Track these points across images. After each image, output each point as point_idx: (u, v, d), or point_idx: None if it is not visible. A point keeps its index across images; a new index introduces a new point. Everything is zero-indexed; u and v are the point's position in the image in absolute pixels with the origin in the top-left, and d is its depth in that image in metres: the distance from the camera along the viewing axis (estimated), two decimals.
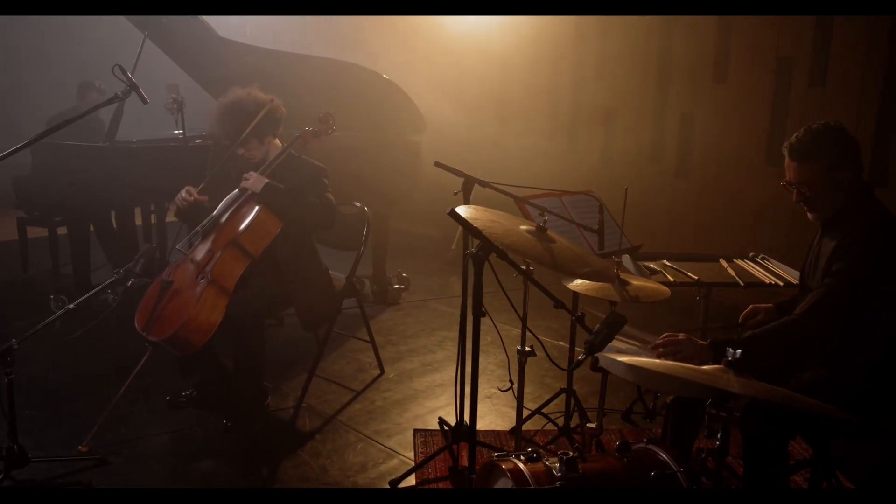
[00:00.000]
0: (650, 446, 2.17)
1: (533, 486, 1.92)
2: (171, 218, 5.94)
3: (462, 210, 2.42)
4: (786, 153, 2.36)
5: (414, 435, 3.33)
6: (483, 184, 2.90)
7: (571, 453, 2.02)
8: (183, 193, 3.32)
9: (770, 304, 2.64)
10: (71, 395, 3.62)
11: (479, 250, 2.14)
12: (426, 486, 2.91)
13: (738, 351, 1.77)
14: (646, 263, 3.21)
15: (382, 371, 3.99)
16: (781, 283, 2.98)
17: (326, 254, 3.66)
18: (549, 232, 2.51)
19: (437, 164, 2.92)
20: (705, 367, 1.90)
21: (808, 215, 2.42)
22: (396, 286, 5.34)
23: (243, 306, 3.19)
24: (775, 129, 5.38)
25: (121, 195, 4.58)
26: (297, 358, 4.08)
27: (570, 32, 6.37)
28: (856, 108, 4.95)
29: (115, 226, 5.17)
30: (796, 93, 5.22)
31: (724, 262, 3.30)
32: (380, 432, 3.34)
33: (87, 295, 3.00)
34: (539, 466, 2.02)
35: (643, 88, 6.06)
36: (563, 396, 3.34)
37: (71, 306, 2.91)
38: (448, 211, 2.07)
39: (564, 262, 2.41)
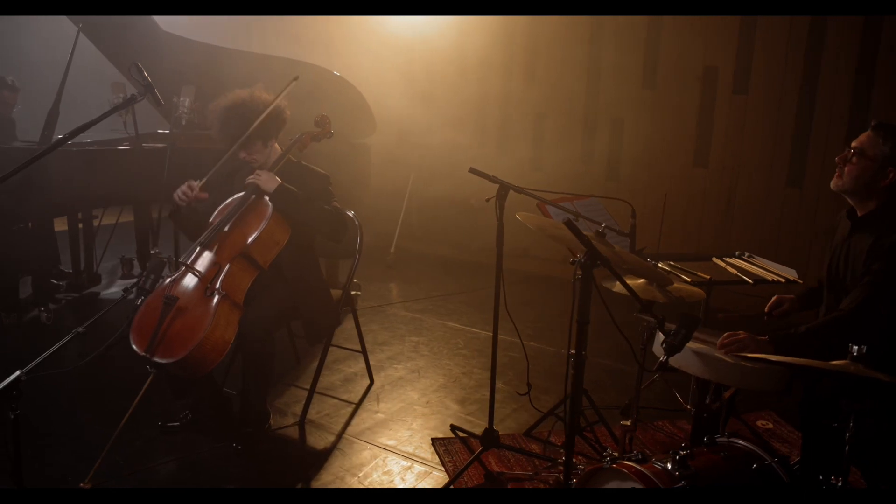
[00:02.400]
0: (732, 440, 2.28)
1: (661, 487, 1.97)
2: (126, 219, 5.47)
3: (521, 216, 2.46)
4: (871, 125, 2.53)
5: (433, 444, 3.27)
6: (518, 190, 2.92)
7: (682, 452, 2.09)
8: (184, 188, 3.07)
9: (793, 295, 2.86)
10: (72, 422, 3.29)
11: (587, 258, 2.15)
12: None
13: (864, 347, 1.90)
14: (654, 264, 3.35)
15: (372, 381, 3.89)
16: (783, 280, 3.21)
17: None
18: (606, 238, 2.57)
19: (472, 171, 2.90)
20: (834, 362, 1.99)
21: (835, 180, 2.58)
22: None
23: (255, 321, 3.00)
24: (702, 134, 5.77)
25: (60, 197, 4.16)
26: (278, 372, 3.89)
27: (500, 38, 6.48)
28: (776, 114, 5.40)
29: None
30: (721, 99, 5.62)
31: (718, 261, 3.50)
32: (395, 444, 3.26)
33: (96, 317, 2.70)
34: (653, 467, 2.07)
35: (573, 94, 6.28)
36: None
37: (80, 329, 2.62)
38: (564, 220, 2.06)
39: (636, 265, 2.47)
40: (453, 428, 3.39)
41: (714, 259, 3.54)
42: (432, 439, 3.31)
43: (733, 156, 5.60)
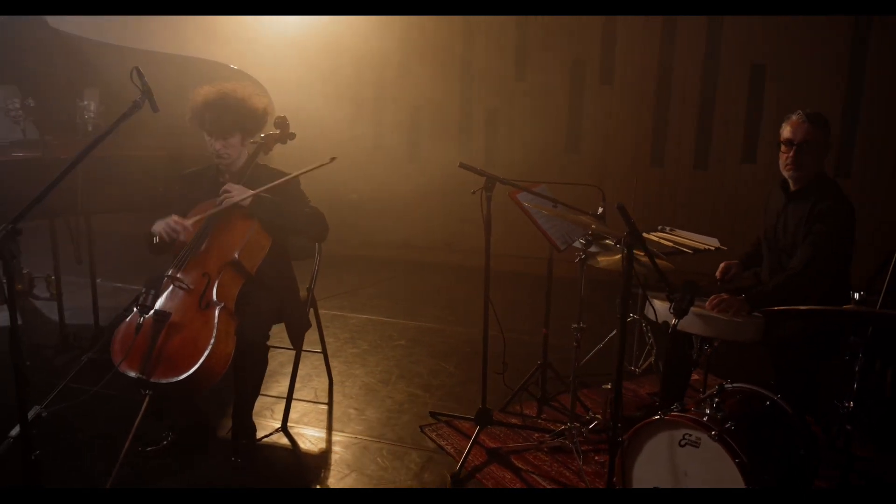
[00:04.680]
0: (736, 385, 2.65)
1: (715, 431, 2.27)
2: None
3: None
4: (800, 116, 2.96)
5: (422, 430, 3.38)
6: (504, 181, 3.10)
7: (716, 399, 2.42)
8: (171, 224, 2.91)
9: (736, 261, 3.34)
10: (75, 450, 3.01)
11: (627, 240, 2.39)
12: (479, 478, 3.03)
13: (863, 292, 2.32)
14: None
15: (331, 379, 3.88)
16: (713, 248, 3.68)
17: None
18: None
19: (462, 166, 3.03)
20: (846, 306, 2.36)
21: (790, 172, 3.01)
22: None
23: (253, 329, 2.93)
24: (572, 123, 6.28)
25: None
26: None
27: (373, 32, 6.54)
28: (637, 103, 6.03)
29: None
30: (589, 90, 6.15)
31: (649, 236, 3.90)
32: (386, 435, 3.33)
33: (104, 340, 2.51)
34: (701, 413, 2.38)
35: (447, 86, 6.52)
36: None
37: (92, 355, 2.44)
38: (618, 206, 2.28)
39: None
40: (433, 414, 3.53)
41: (644, 234, 3.94)
42: (420, 427, 3.41)
43: (601, 141, 6.17)
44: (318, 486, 2.92)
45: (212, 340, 2.74)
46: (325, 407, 3.61)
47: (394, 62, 6.62)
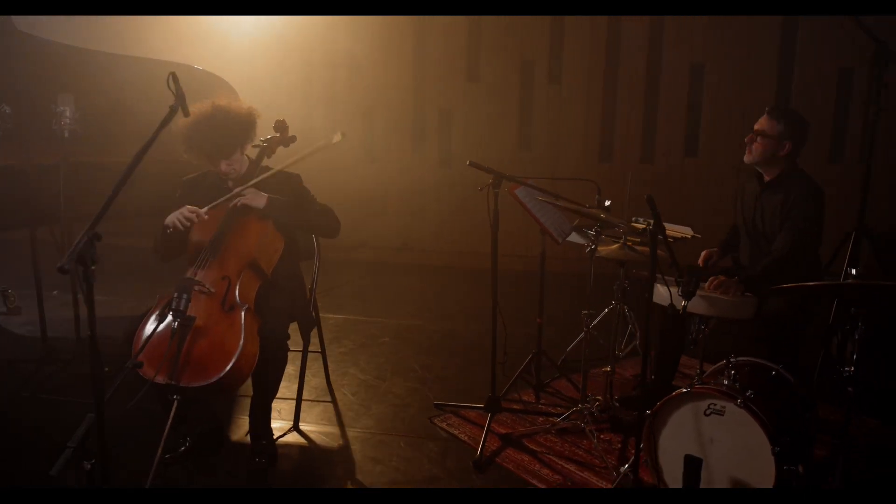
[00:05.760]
0: (741, 358, 2.88)
1: (740, 399, 2.49)
2: None
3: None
4: (766, 111, 3.28)
5: (431, 421, 3.48)
6: (511, 178, 3.25)
7: (732, 372, 2.64)
8: (185, 213, 2.89)
9: (716, 248, 3.60)
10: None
11: (652, 232, 2.58)
12: (501, 459, 3.17)
13: (861, 268, 2.59)
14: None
15: (329, 377, 3.92)
16: (689, 237, 3.94)
17: None
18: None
19: (472, 164, 3.16)
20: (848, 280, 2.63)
21: (746, 156, 3.33)
22: None
23: (276, 329, 2.97)
24: (523, 121, 6.50)
25: None
26: None
27: (321, 35, 6.55)
28: (585, 102, 6.30)
29: None
30: (538, 90, 6.38)
31: (635, 225, 4.13)
32: (399, 428, 3.41)
33: (143, 345, 2.50)
34: (721, 384, 2.60)
35: (400, 86, 6.61)
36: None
37: (136, 361, 2.42)
38: (647, 197, 2.46)
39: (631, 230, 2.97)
40: (438, 405, 3.64)
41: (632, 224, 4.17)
42: (429, 418, 3.52)
43: (553, 138, 6.41)
44: (349, 483, 2.98)
45: (241, 342, 2.76)
46: (329, 405, 3.66)
47: (344, 63, 6.65)
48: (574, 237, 3.59)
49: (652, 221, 2.60)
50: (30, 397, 3.58)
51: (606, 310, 4.14)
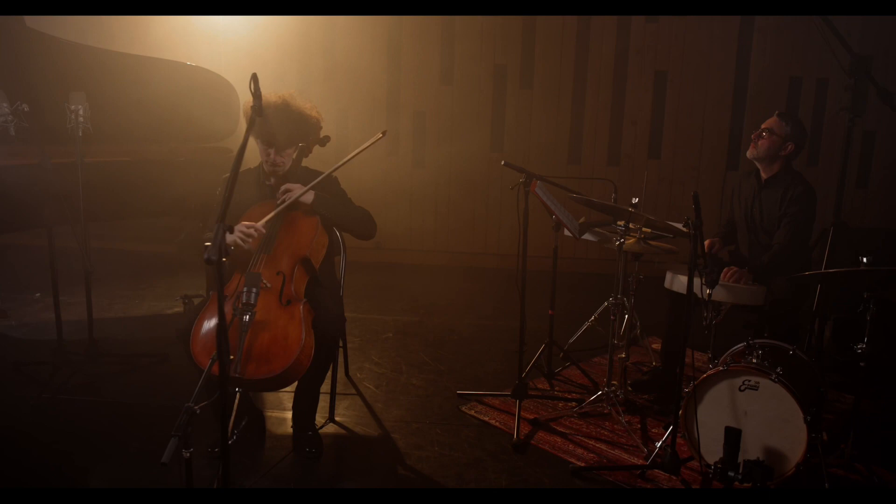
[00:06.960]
0: (759, 340, 3.17)
1: (773, 375, 2.77)
2: None
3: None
4: (776, 113, 3.62)
5: (459, 409, 3.64)
6: (541, 178, 3.45)
7: (759, 352, 2.92)
8: (244, 230, 2.92)
9: (717, 238, 3.91)
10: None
11: (695, 228, 2.82)
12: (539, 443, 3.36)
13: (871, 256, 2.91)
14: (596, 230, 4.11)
15: (347, 371, 4.01)
16: (685, 231, 4.22)
17: None
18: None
19: (506, 164, 3.34)
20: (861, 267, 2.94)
21: (750, 151, 3.65)
22: None
23: (331, 321, 3.07)
24: (496, 124, 6.71)
25: None
26: None
27: (297, 35, 6.58)
28: (556, 105, 6.58)
29: None
30: (511, 94, 6.62)
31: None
32: (429, 416, 3.55)
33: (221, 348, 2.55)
34: (752, 363, 2.87)
35: (375, 89, 6.72)
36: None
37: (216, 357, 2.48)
38: (693, 194, 2.70)
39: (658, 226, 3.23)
40: (462, 395, 3.80)
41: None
42: (457, 407, 3.67)
43: (524, 140, 6.66)
44: (401, 468, 3.10)
45: (303, 335, 2.85)
46: (356, 397, 3.76)
47: (318, 66, 6.70)
48: (588, 235, 3.82)
49: (691, 218, 2.85)
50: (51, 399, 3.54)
51: (605, 303, 4.38)
